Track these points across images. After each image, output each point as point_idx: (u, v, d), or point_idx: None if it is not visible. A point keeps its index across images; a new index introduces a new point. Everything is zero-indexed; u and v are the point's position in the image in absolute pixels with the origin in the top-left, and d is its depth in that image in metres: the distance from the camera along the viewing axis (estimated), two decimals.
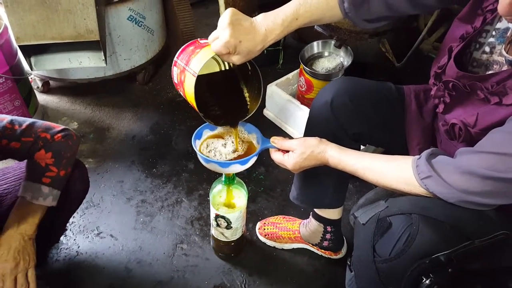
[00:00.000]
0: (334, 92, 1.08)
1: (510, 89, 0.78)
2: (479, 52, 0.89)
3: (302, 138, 1.02)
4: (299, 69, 1.84)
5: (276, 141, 1.03)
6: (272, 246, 1.45)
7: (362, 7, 0.94)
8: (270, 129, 1.92)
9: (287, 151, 1.02)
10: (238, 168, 1.03)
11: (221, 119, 1.05)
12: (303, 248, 1.44)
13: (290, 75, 1.94)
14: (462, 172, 0.77)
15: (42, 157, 1.01)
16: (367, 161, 0.93)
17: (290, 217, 1.49)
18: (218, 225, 1.27)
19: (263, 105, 1.97)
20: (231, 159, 1.07)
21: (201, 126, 1.10)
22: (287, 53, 2.31)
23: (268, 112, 1.97)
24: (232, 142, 1.09)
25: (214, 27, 0.89)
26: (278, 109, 1.90)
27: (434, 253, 0.77)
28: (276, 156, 1.04)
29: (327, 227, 1.33)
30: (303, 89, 1.80)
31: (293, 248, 1.44)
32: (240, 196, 1.22)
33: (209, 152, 1.09)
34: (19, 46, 1.58)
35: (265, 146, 1.04)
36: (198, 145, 1.09)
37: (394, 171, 0.88)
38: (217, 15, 2.22)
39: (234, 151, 1.09)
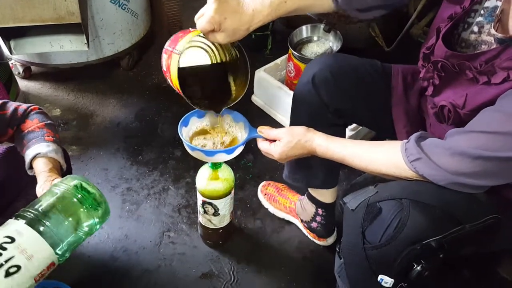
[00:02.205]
0: (317, 68, 1.07)
1: (499, 68, 0.77)
2: (467, 32, 0.87)
3: (289, 127, 1.01)
4: (287, 55, 1.81)
5: (263, 130, 1.01)
6: (266, 207, 1.49)
7: None
8: (258, 115, 1.89)
9: (274, 141, 1.00)
10: (223, 157, 1.02)
11: (207, 105, 1.03)
12: (292, 234, 1.43)
13: (278, 61, 1.91)
14: (452, 153, 0.76)
15: (31, 125, 0.97)
16: (355, 147, 0.92)
17: (294, 191, 1.50)
18: (205, 212, 1.24)
19: (251, 92, 1.94)
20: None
21: (188, 113, 1.07)
22: (275, 39, 2.28)
23: (256, 99, 1.94)
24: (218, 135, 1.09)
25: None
26: (267, 95, 1.87)
27: (425, 238, 0.76)
28: (262, 146, 1.02)
29: (319, 209, 1.33)
30: (292, 74, 1.77)
31: (284, 227, 1.44)
32: (226, 181, 1.20)
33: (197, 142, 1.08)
34: None
35: (252, 135, 1.02)
36: (184, 132, 1.07)
37: (383, 156, 0.86)
38: None
39: (222, 142, 1.08)
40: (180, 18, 2.08)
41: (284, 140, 0.97)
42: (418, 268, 0.77)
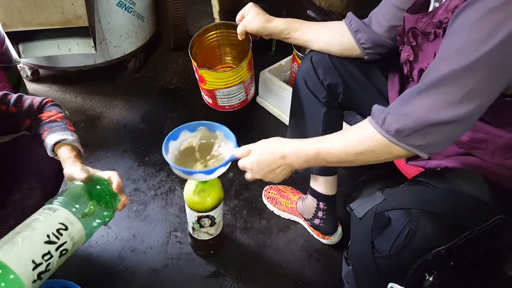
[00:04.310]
0: (316, 51, 1.19)
1: (450, 11, 0.77)
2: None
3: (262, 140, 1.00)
4: (292, 55, 1.83)
5: (236, 151, 1.00)
6: (271, 210, 1.51)
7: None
8: (263, 116, 1.89)
9: None
10: (202, 177, 1.01)
11: None
12: (297, 233, 1.44)
13: (283, 62, 1.92)
14: (416, 94, 0.74)
15: (50, 115, 1.03)
16: (325, 138, 0.90)
17: (297, 190, 1.52)
18: (201, 226, 1.24)
19: (256, 93, 1.95)
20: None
21: (179, 127, 1.08)
22: (280, 40, 2.28)
23: (261, 99, 1.95)
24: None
25: (206, 13, 0.89)
26: (271, 96, 1.88)
27: (435, 247, 0.76)
28: (239, 162, 1.00)
29: (320, 203, 1.34)
30: None
31: (289, 226, 1.45)
32: (218, 187, 1.19)
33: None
34: (6, 33, 1.55)
35: (233, 158, 1.00)
36: (171, 146, 1.07)
37: (355, 134, 0.84)
38: (208, 1, 2.19)
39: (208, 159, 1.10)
40: (185, 20, 2.10)
41: (255, 150, 0.96)
42: (431, 279, 0.77)
